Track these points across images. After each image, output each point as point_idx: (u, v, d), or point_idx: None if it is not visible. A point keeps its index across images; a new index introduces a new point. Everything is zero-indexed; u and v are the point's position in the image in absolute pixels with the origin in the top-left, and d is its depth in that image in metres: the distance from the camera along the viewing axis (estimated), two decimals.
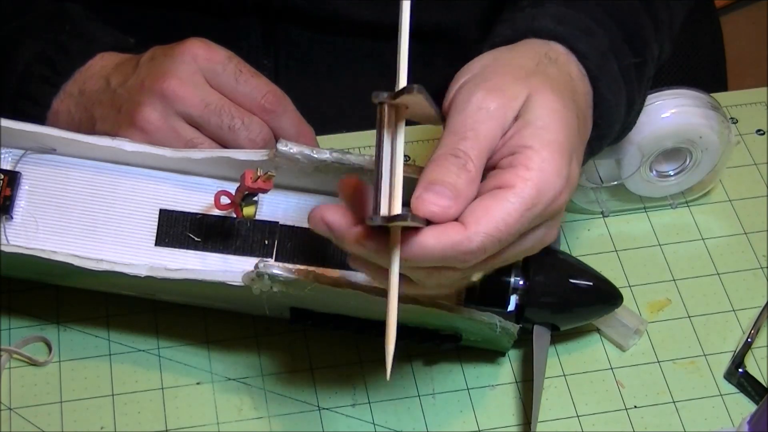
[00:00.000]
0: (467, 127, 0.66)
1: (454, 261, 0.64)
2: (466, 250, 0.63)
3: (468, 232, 0.63)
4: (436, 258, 0.63)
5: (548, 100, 0.68)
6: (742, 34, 1.78)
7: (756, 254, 0.88)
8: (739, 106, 0.96)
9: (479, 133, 0.66)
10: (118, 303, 0.83)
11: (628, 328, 0.83)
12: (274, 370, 0.81)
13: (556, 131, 0.67)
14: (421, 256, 0.63)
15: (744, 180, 0.92)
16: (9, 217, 0.80)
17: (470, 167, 0.65)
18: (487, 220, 0.64)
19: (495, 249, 0.65)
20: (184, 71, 0.80)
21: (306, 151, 0.78)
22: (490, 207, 0.64)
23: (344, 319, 0.79)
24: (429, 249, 0.63)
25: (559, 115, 0.67)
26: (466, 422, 0.80)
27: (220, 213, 0.79)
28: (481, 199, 0.65)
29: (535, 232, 0.68)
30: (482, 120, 0.66)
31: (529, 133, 0.66)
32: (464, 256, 0.64)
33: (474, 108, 0.67)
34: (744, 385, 0.81)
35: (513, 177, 0.65)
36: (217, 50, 0.81)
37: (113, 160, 0.81)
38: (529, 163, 0.65)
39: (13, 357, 0.81)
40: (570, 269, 0.80)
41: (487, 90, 0.67)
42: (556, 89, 0.69)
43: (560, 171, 0.66)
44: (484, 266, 0.67)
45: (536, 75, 0.69)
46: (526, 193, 0.65)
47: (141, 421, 0.79)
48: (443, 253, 0.63)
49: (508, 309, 0.79)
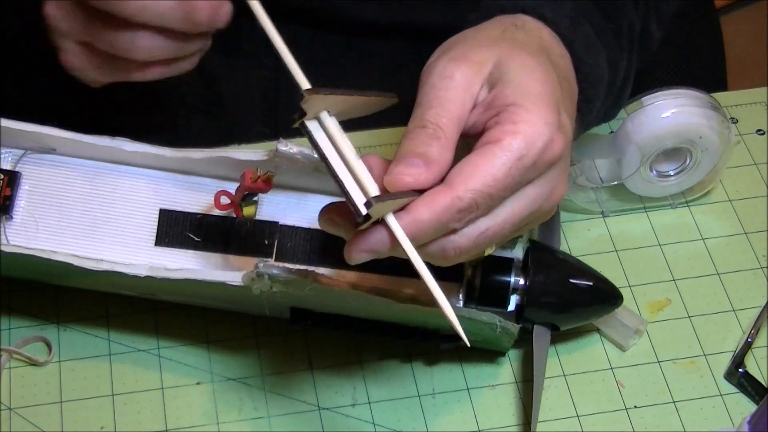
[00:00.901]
0: (432, 97, 0.66)
1: (452, 223, 0.64)
2: (459, 208, 0.64)
3: (456, 192, 0.64)
4: (435, 226, 0.64)
5: (520, 59, 0.68)
6: (742, 34, 1.78)
7: (756, 254, 0.88)
8: (739, 106, 0.96)
9: (444, 100, 0.66)
10: (118, 303, 0.83)
11: (628, 328, 0.83)
12: (274, 370, 0.81)
13: (536, 85, 0.67)
14: (421, 231, 0.63)
15: (744, 180, 0.92)
16: (9, 217, 0.80)
17: (440, 134, 0.65)
18: (475, 177, 0.64)
19: (488, 204, 0.65)
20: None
21: (306, 151, 0.78)
22: (478, 164, 0.64)
23: (344, 319, 0.79)
24: (426, 220, 0.63)
25: (535, 71, 0.68)
26: (466, 422, 0.80)
27: (220, 213, 0.79)
28: (468, 157, 0.65)
29: (535, 187, 0.67)
30: (446, 87, 0.66)
31: (509, 91, 0.66)
32: (459, 215, 0.64)
33: (437, 77, 0.67)
34: (744, 385, 0.82)
35: (499, 132, 0.65)
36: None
37: (113, 160, 0.81)
38: (514, 118, 0.65)
39: (13, 357, 0.81)
40: (570, 269, 0.80)
41: (450, 59, 0.68)
42: (527, 50, 0.69)
43: (548, 120, 0.66)
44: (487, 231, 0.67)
45: (503, 41, 0.70)
46: (514, 146, 0.65)
47: (141, 421, 0.79)
48: (439, 219, 0.63)
49: (508, 309, 0.79)
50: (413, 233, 0.63)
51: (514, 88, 0.67)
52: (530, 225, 0.70)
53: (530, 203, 0.68)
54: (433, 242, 0.65)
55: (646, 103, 0.85)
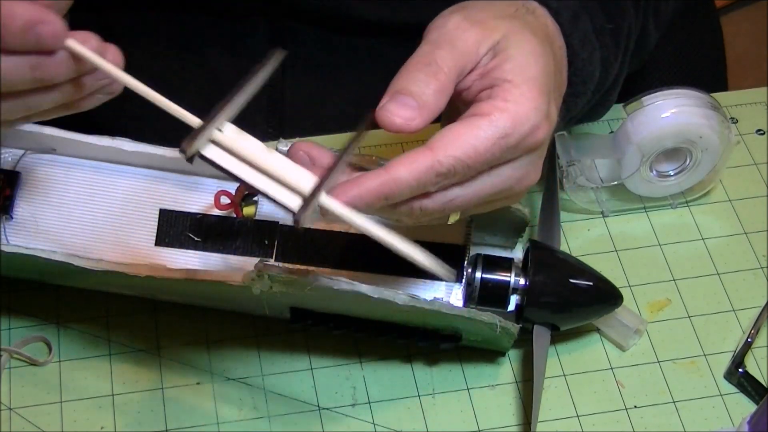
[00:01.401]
0: (443, 40, 0.67)
1: (428, 185, 0.65)
2: (437, 172, 0.64)
3: (437, 156, 0.64)
4: (411, 187, 0.64)
5: (528, 40, 0.69)
6: (742, 34, 1.78)
7: (756, 254, 0.88)
8: (739, 106, 0.96)
9: (454, 48, 0.67)
10: (118, 303, 0.83)
11: (628, 328, 0.83)
12: (274, 370, 0.81)
13: (535, 69, 0.68)
14: (398, 189, 0.64)
15: (744, 180, 0.92)
16: (9, 217, 0.80)
17: (441, 77, 0.66)
18: (457, 145, 0.65)
19: (465, 174, 0.66)
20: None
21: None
22: (461, 133, 0.65)
23: (344, 319, 0.79)
24: (403, 180, 0.64)
25: (538, 56, 0.69)
26: (466, 422, 0.80)
27: (220, 213, 0.79)
28: (453, 125, 0.66)
29: (511, 168, 0.68)
30: (460, 37, 0.67)
31: (509, 67, 0.67)
32: (436, 178, 0.65)
33: (452, 26, 0.68)
34: (744, 385, 0.82)
35: (490, 107, 0.66)
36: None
37: (113, 160, 0.81)
38: (507, 96, 0.66)
39: (13, 357, 0.81)
40: (570, 269, 0.80)
41: (466, 17, 0.68)
42: (534, 34, 0.70)
43: (538, 106, 0.67)
44: (455, 199, 0.67)
45: (515, 19, 0.71)
46: (501, 123, 0.66)
47: (141, 421, 0.79)
48: (417, 180, 0.64)
49: (508, 309, 0.79)
50: (390, 191, 0.64)
51: (513, 65, 0.68)
52: (496, 204, 0.71)
53: (502, 182, 0.69)
54: (402, 203, 0.66)
55: (646, 103, 0.85)
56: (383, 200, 0.64)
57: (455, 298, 0.80)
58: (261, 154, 0.64)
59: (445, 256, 0.80)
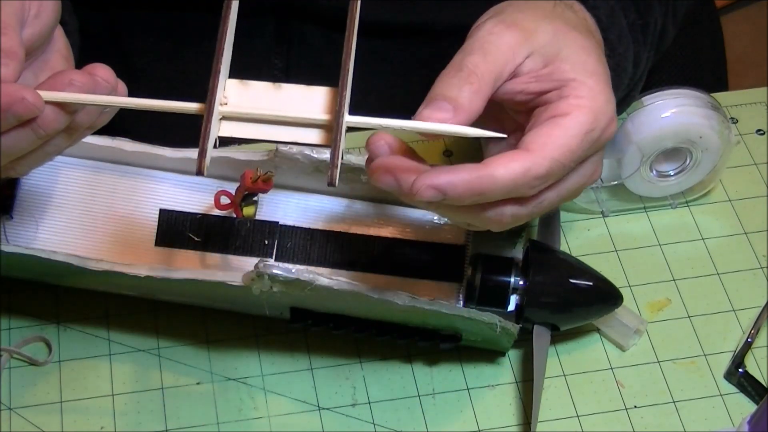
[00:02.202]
0: (475, 47, 0.67)
1: (524, 188, 0.64)
2: (535, 175, 0.64)
3: (535, 157, 0.64)
4: (507, 187, 0.64)
5: (576, 38, 0.69)
6: (742, 34, 1.78)
7: (756, 254, 0.88)
8: (739, 106, 0.96)
9: (487, 53, 0.67)
10: (118, 303, 0.83)
11: (628, 328, 0.83)
12: (274, 370, 0.81)
13: (593, 63, 0.68)
14: (494, 187, 0.63)
15: (744, 180, 0.92)
16: (9, 217, 0.80)
17: (473, 80, 0.65)
18: (552, 145, 0.65)
19: (559, 175, 0.66)
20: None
21: (306, 151, 0.78)
22: (552, 133, 0.65)
23: (344, 319, 0.79)
24: (501, 178, 0.63)
25: (590, 50, 0.69)
26: (466, 422, 0.80)
27: (220, 213, 0.79)
28: (540, 127, 0.66)
29: (589, 163, 0.69)
30: (492, 41, 0.67)
31: (568, 67, 0.68)
32: (533, 181, 0.64)
33: (485, 32, 0.68)
34: (744, 385, 0.81)
35: (566, 106, 0.66)
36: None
37: (113, 160, 0.81)
38: (578, 93, 0.66)
39: (13, 357, 0.81)
40: (570, 269, 0.80)
41: (500, 20, 0.68)
42: (580, 31, 0.70)
43: (609, 98, 0.68)
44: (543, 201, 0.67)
45: (555, 17, 0.70)
46: (583, 118, 0.66)
47: (141, 421, 0.79)
48: (514, 181, 0.64)
49: (508, 309, 0.79)
50: (484, 187, 0.63)
51: (573, 64, 0.68)
52: (562, 203, 0.71)
53: (581, 180, 0.69)
54: (492, 206, 0.65)
55: (646, 103, 0.85)
56: (475, 196, 0.64)
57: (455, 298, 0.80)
58: (271, 104, 0.63)
59: (445, 256, 0.81)
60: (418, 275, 0.80)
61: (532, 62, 0.68)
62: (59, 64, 0.72)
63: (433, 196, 0.63)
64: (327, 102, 0.64)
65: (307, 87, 0.64)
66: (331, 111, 0.63)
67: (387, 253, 0.80)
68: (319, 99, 0.64)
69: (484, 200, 0.64)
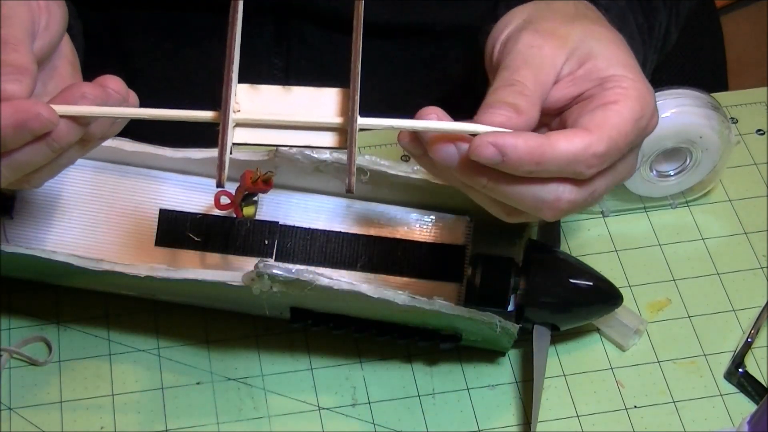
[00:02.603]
0: (520, 62, 0.67)
1: (582, 165, 0.64)
2: (595, 152, 0.64)
3: (594, 135, 0.64)
4: (567, 160, 0.64)
5: (603, 32, 0.69)
6: (742, 34, 1.78)
7: (756, 254, 0.88)
8: (739, 106, 0.96)
9: (533, 66, 0.67)
10: (118, 303, 0.83)
11: (628, 328, 0.83)
12: (274, 370, 0.81)
13: (626, 56, 0.69)
14: (553, 157, 0.63)
15: (744, 180, 0.92)
16: (9, 217, 0.80)
17: (527, 92, 0.66)
18: (609, 126, 0.65)
19: (614, 158, 0.66)
20: None
21: (306, 151, 0.78)
22: (607, 116, 0.65)
23: (344, 319, 0.79)
24: (562, 150, 0.63)
25: (619, 44, 0.69)
26: (466, 422, 0.80)
27: (220, 213, 0.79)
28: (594, 111, 0.66)
29: (632, 156, 0.69)
30: (535, 54, 0.67)
31: (604, 64, 0.68)
32: (592, 159, 0.64)
33: (525, 46, 0.68)
34: (744, 385, 0.81)
35: (613, 95, 0.66)
36: None
37: (113, 160, 0.81)
38: (622, 83, 0.67)
39: (13, 357, 0.81)
40: (570, 269, 0.80)
41: (536, 31, 0.69)
42: (603, 23, 0.71)
43: (649, 88, 0.68)
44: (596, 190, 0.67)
45: (580, 18, 0.71)
46: (632, 104, 0.66)
47: (141, 421, 0.79)
48: (575, 155, 0.64)
49: (508, 309, 0.79)
50: (545, 156, 0.63)
51: (607, 60, 0.68)
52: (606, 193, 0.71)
53: (624, 172, 0.69)
54: (548, 184, 0.65)
55: None
56: (533, 164, 0.63)
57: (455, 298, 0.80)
58: (282, 108, 0.63)
59: (445, 256, 0.81)
60: (418, 275, 0.80)
61: (568, 66, 0.69)
62: (66, 70, 0.72)
63: (493, 154, 0.63)
64: (337, 104, 0.64)
65: (316, 89, 0.64)
66: (342, 113, 0.63)
67: (387, 253, 0.80)
68: (330, 101, 0.64)
69: (540, 171, 0.64)
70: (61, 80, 0.71)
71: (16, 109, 0.62)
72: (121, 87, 0.66)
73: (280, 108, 0.64)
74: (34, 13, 0.68)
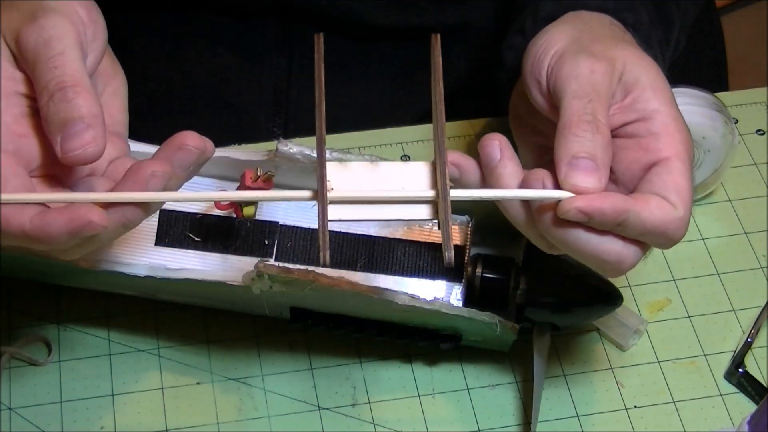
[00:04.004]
0: (589, 90, 0.67)
1: (661, 238, 0.66)
2: (678, 225, 0.66)
3: (679, 212, 0.66)
4: (647, 230, 0.65)
5: (644, 63, 0.70)
6: (742, 34, 1.78)
7: (756, 254, 0.88)
8: (739, 106, 0.96)
9: (601, 93, 0.67)
10: (118, 303, 0.83)
11: (628, 328, 0.83)
12: (274, 370, 0.81)
13: (667, 90, 0.69)
14: (638, 223, 0.65)
15: (744, 180, 0.92)
16: None
17: (603, 129, 0.66)
18: (683, 191, 0.66)
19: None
20: None
21: (306, 151, 0.78)
22: (679, 182, 0.66)
23: (344, 319, 0.79)
24: (646, 219, 0.65)
25: (659, 74, 0.70)
26: (466, 422, 0.80)
27: (220, 213, 0.79)
28: (659, 173, 0.67)
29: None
30: (599, 81, 0.68)
31: (649, 96, 0.68)
32: (677, 232, 0.66)
33: (587, 72, 0.68)
34: (744, 385, 0.82)
35: (666, 147, 0.67)
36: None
37: None
38: (668, 128, 0.68)
39: (13, 357, 0.81)
40: (570, 269, 0.80)
41: (591, 55, 0.69)
42: (641, 53, 0.71)
43: (685, 124, 0.69)
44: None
45: (620, 42, 0.71)
46: (684, 157, 0.67)
47: (141, 421, 0.79)
48: (655, 227, 0.65)
49: (508, 309, 0.79)
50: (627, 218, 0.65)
51: (651, 92, 0.69)
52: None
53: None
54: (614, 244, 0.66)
55: None
56: (616, 224, 0.65)
57: (455, 298, 0.80)
58: (372, 184, 0.65)
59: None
60: (418, 275, 0.80)
61: (618, 93, 0.69)
62: (106, 63, 0.70)
63: (580, 217, 0.65)
64: (426, 176, 0.65)
65: (403, 163, 0.66)
66: (432, 185, 0.65)
67: (387, 253, 0.80)
68: (418, 174, 0.65)
69: (623, 229, 0.65)
70: (105, 75, 0.70)
71: (69, 218, 0.61)
72: (199, 142, 0.64)
73: (370, 184, 0.65)
74: (79, 29, 0.66)
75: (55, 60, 0.64)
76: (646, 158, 0.67)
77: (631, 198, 0.66)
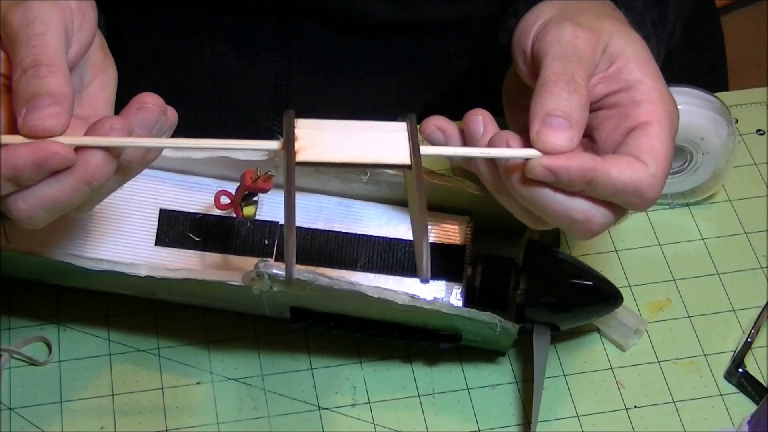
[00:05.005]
0: (571, 53, 0.67)
1: (632, 196, 0.66)
2: (650, 184, 0.66)
3: (650, 170, 0.66)
4: (618, 189, 0.66)
5: (631, 37, 0.70)
6: (742, 34, 1.78)
7: (756, 254, 0.88)
8: (739, 106, 0.96)
9: (582, 58, 0.67)
10: (118, 303, 0.83)
11: (628, 328, 0.83)
12: (274, 370, 0.81)
13: (653, 65, 0.70)
14: (608, 183, 0.65)
15: (744, 180, 0.92)
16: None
17: (580, 90, 0.66)
18: (661, 155, 0.66)
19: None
20: None
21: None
22: (653, 144, 0.66)
23: (344, 319, 0.79)
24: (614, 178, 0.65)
25: (645, 48, 0.70)
26: (466, 422, 0.80)
27: (220, 213, 0.79)
28: (636, 136, 0.67)
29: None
30: (582, 47, 0.68)
31: (633, 67, 0.68)
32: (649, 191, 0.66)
33: (570, 37, 0.68)
34: (744, 385, 0.81)
35: (645, 113, 0.67)
36: None
37: None
38: (650, 97, 0.68)
39: (13, 357, 0.81)
40: (570, 269, 0.80)
41: (577, 24, 0.69)
42: (629, 29, 0.71)
43: (672, 97, 0.69)
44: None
45: (608, 17, 0.71)
46: (666, 125, 0.67)
47: (141, 421, 0.79)
48: (625, 186, 0.65)
49: (508, 309, 0.79)
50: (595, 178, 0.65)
51: (636, 63, 0.69)
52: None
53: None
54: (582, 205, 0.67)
55: None
56: (584, 184, 0.65)
57: (455, 298, 0.80)
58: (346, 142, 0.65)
59: (445, 256, 0.81)
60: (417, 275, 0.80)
61: (602, 63, 0.69)
62: (98, 56, 0.70)
63: (546, 176, 0.65)
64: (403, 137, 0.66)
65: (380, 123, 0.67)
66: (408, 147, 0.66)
67: (387, 253, 0.80)
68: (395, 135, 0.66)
69: (591, 189, 0.65)
70: (94, 68, 0.70)
71: (34, 150, 0.62)
72: (158, 101, 0.65)
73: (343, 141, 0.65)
74: (66, 16, 0.66)
75: (36, 39, 0.64)
76: (626, 124, 0.67)
77: (600, 158, 0.65)
